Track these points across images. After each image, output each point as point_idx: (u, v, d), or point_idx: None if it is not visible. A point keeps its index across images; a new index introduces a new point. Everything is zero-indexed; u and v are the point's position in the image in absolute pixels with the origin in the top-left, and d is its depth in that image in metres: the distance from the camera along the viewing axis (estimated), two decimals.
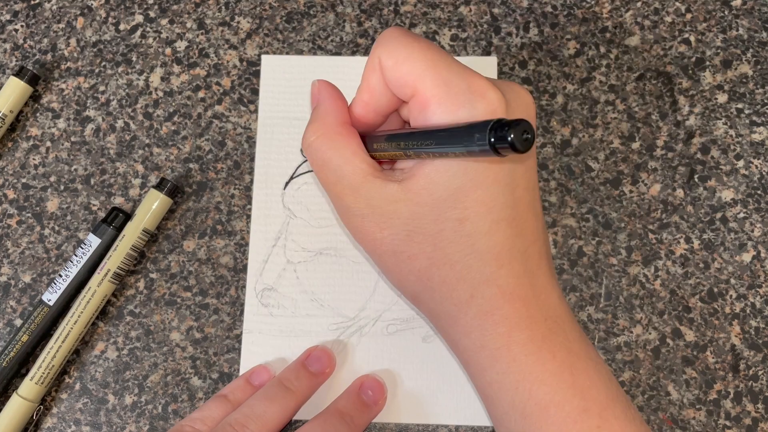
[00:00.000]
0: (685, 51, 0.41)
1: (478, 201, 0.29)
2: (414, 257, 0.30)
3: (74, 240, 0.40)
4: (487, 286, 0.29)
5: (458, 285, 0.30)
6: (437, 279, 0.30)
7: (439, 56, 0.29)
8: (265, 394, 0.36)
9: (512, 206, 0.29)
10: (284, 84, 0.42)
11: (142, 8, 0.43)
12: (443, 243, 0.29)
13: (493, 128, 0.23)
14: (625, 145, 0.40)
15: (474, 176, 0.29)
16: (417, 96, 0.29)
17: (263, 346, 0.39)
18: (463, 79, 0.28)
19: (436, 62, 0.29)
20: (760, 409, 0.37)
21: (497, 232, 0.29)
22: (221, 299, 0.39)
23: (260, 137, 0.41)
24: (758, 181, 0.40)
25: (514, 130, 0.23)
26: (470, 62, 0.41)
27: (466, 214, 0.29)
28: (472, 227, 0.29)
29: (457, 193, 0.29)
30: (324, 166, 0.31)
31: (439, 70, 0.28)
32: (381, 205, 0.30)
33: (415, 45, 0.29)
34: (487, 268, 0.29)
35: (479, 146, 0.24)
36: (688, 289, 0.39)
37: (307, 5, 0.43)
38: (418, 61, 0.29)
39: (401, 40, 0.30)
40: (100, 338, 0.39)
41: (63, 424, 0.38)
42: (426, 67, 0.29)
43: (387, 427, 0.38)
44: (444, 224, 0.29)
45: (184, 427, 0.35)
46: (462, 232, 0.29)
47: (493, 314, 0.29)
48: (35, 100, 0.42)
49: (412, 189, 0.29)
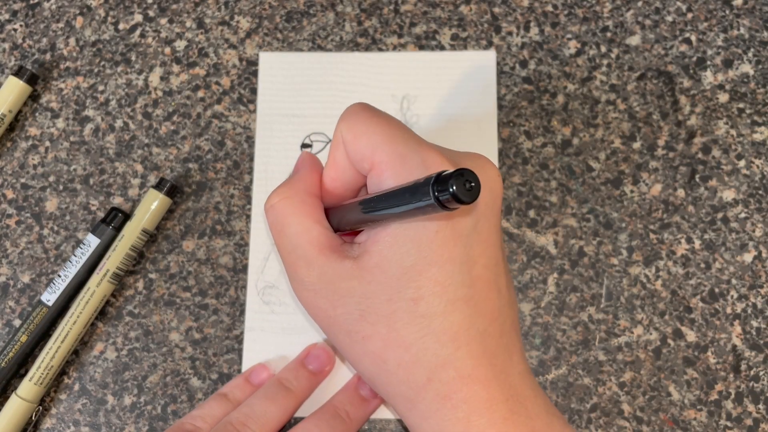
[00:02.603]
0: (686, 50, 0.41)
1: (432, 280, 0.28)
2: (368, 338, 0.29)
3: (73, 240, 0.40)
4: (444, 369, 0.28)
5: (414, 368, 0.29)
6: (393, 361, 0.29)
7: (396, 131, 0.29)
8: (265, 394, 0.36)
9: (469, 285, 0.28)
10: (283, 81, 0.42)
11: (141, 7, 0.43)
12: (398, 324, 0.28)
13: (435, 181, 0.23)
14: (626, 145, 0.40)
15: (427, 254, 0.28)
16: (373, 169, 0.29)
17: (265, 344, 0.39)
18: (417, 153, 0.28)
19: (392, 136, 0.29)
20: (762, 409, 0.37)
21: (453, 313, 0.28)
22: (221, 299, 0.39)
23: (259, 135, 0.41)
24: (759, 181, 0.40)
25: (455, 181, 0.23)
26: (468, 56, 0.41)
27: (420, 293, 0.28)
28: (426, 307, 0.28)
29: (410, 272, 0.28)
30: (281, 232, 0.31)
31: (395, 145, 0.28)
32: (334, 281, 0.29)
33: (373, 120, 0.29)
34: (444, 350, 0.28)
35: (425, 201, 0.24)
36: (689, 290, 0.39)
37: (307, 4, 0.43)
38: (375, 135, 0.29)
39: (361, 115, 0.30)
40: (99, 339, 0.39)
41: (62, 425, 0.38)
42: (382, 141, 0.29)
43: (387, 427, 0.38)
44: (398, 304, 0.28)
45: (184, 424, 0.35)
46: (417, 313, 0.28)
47: (451, 398, 0.28)
48: (34, 99, 0.42)
49: (366, 266, 0.29)
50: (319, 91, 0.41)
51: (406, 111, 0.41)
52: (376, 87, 0.41)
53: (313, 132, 0.41)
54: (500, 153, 0.40)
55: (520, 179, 0.40)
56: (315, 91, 0.41)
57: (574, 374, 0.38)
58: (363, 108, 0.30)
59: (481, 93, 0.41)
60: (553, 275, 0.39)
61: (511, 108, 0.41)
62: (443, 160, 0.28)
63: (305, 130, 0.41)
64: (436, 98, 0.41)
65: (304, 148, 0.41)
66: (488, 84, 0.41)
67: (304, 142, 0.41)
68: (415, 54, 0.42)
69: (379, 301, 0.29)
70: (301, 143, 0.41)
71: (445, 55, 0.42)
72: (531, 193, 0.40)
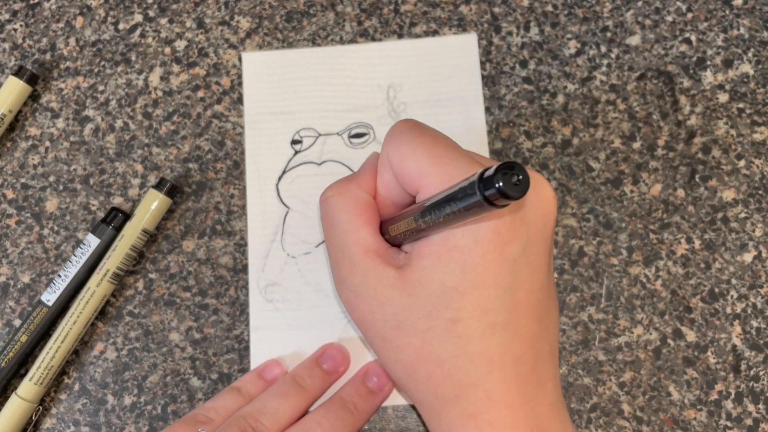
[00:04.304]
0: (686, 50, 0.41)
1: (473, 303, 0.27)
2: (402, 348, 0.29)
3: (73, 240, 0.40)
4: (473, 390, 0.28)
5: (444, 383, 0.29)
6: (423, 374, 0.29)
7: (443, 150, 0.28)
8: (278, 391, 0.36)
9: (510, 310, 0.28)
10: (268, 80, 0.42)
11: (141, 7, 0.43)
12: (433, 340, 0.28)
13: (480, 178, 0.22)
14: (625, 145, 0.40)
15: (472, 277, 0.27)
16: (421, 193, 0.28)
17: (272, 342, 0.39)
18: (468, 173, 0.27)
19: (440, 157, 0.28)
20: (761, 409, 0.37)
21: (491, 337, 0.28)
22: (221, 299, 0.39)
23: (248, 135, 0.41)
24: (759, 181, 0.40)
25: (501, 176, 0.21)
26: (449, 40, 0.41)
27: (459, 315, 0.28)
28: (464, 329, 0.28)
29: (451, 292, 0.27)
30: (331, 227, 0.31)
31: (443, 166, 0.27)
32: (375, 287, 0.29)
33: (419, 140, 0.28)
34: (476, 372, 0.28)
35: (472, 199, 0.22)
36: (689, 290, 0.39)
37: (307, 4, 0.43)
38: (423, 158, 0.28)
39: (406, 135, 0.29)
40: (99, 339, 0.39)
41: (62, 425, 0.38)
42: (430, 164, 0.28)
43: (387, 427, 0.38)
44: (436, 322, 0.28)
45: (197, 415, 0.35)
46: (454, 333, 0.28)
47: (477, 418, 0.28)
48: (34, 99, 0.42)
49: (408, 279, 0.28)
50: (305, 87, 0.41)
51: (393, 99, 0.41)
52: (361, 78, 0.41)
53: (302, 128, 0.41)
54: (500, 153, 0.40)
55: None
56: (301, 87, 0.41)
57: (574, 374, 0.38)
58: (409, 127, 0.29)
59: (466, 75, 0.41)
60: (553, 275, 0.39)
61: (511, 108, 0.41)
62: None
63: (294, 126, 0.41)
64: (422, 84, 0.41)
65: (294, 145, 0.41)
66: (472, 66, 0.41)
67: (293, 138, 0.41)
68: (397, 43, 0.42)
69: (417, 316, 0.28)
70: (291, 140, 0.41)
71: (427, 42, 0.42)
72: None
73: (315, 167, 0.40)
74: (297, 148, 0.41)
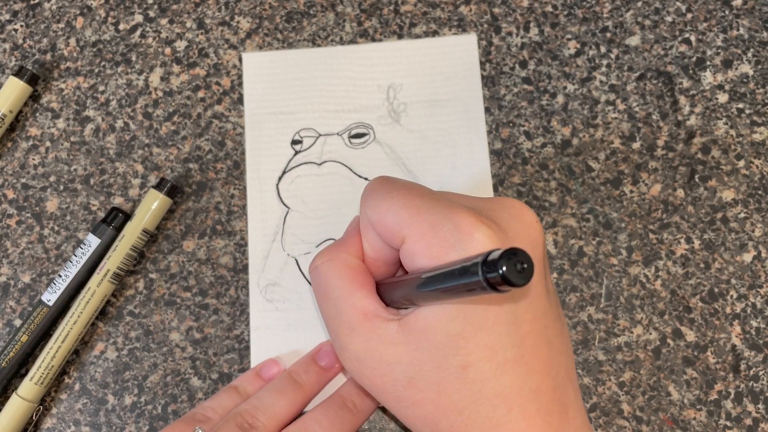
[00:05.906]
0: (685, 51, 0.41)
1: (480, 345, 0.27)
2: (418, 404, 0.29)
3: (74, 240, 0.40)
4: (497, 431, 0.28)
5: (467, 430, 0.28)
6: (445, 425, 0.29)
7: (420, 200, 0.28)
8: (275, 387, 0.36)
9: (518, 344, 0.28)
10: (268, 80, 0.42)
11: (141, 8, 0.43)
12: (448, 390, 0.28)
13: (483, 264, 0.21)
14: (625, 145, 0.40)
15: (473, 320, 0.27)
16: (405, 243, 0.28)
17: (272, 342, 0.39)
18: (448, 220, 0.27)
19: (418, 207, 0.28)
20: (761, 409, 0.37)
21: (504, 375, 0.27)
22: (221, 299, 0.39)
23: (248, 135, 0.41)
24: (759, 181, 0.40)
25: (505, 263, 0.20)
26: (449, 41, 0.41)
27: (469, 360, 0.27)
28: (476, 373, 0.27)
29: (457, 338, 0.27)
30: (325, 295, 0.30)
31: (422, 215, 0.27)
32: (379, 348, 0.29)
33: (394, 194, 0.29)
34: (497, 413, 0.28)
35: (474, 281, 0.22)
36: (689, 290, 0.39)
37: (307, 5, 0.43)
38: (400, 210, 0.28)
39: (381, 192, 0.29)
40: (99, 338, 0.39)
41: (62, 425, 0.38)
42: (408, 215, 0.28)
43: (387, 427, 0.38)
44: (447, 371, 0.28)
45: (195, 414, 0.35)
46: (467, 379, 0.28)
47: None
48: (35, 99, 0.42)
49: (411, 331, 0.28)
50: (305, 87, 0.41)
51: (393, 99, 0.41)
52: (361, 79, 0.41)
53: (302, 128, 0.41)
54: (500, 153, 0.40)
55: (520, 179, 0.40)
56: (301, 87, 0.41)
57: None
58: (381, 183, 0.29)
59: (466, 75, 0.41)
60: (553, 275, 0.39)
61: (511, 108, 0.41)
62: (475, 221, 0.26)
63: (294, 126, 0.41)
64: (422, 84, 0.41)
65: (294, 145, 0.41)
66: (472, 66, 0.41)
67: (294, 138, 0.41)
68: (397, 43, 0.42)
69: (427, 369, 0.28)
70: (291, 140, 0.41)
71: (426, 42, 0.42)
72: (531, 194, 0.40)
73: (315, 167, 0.40)
74: (297, 148, 0.41)
